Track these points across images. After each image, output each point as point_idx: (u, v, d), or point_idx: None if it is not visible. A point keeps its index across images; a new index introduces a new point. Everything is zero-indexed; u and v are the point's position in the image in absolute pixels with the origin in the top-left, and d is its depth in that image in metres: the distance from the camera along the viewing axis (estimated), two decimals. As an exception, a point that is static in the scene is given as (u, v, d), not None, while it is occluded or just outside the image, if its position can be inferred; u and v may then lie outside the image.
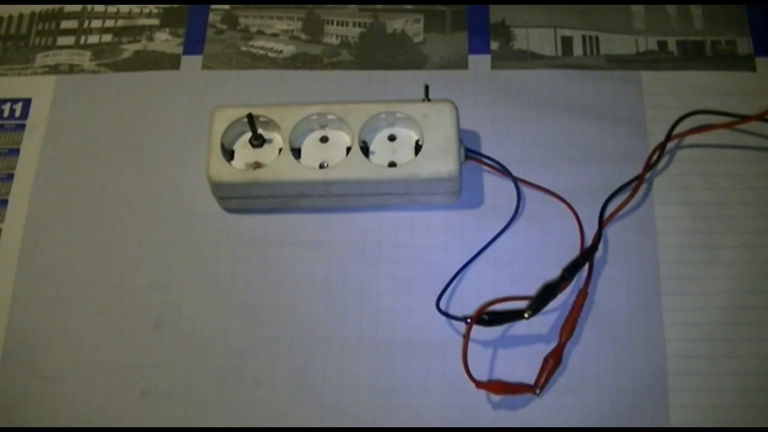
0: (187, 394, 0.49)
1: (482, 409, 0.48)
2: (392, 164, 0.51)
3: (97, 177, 0.55)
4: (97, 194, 0.54)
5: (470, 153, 0.52)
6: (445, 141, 0.50)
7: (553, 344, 0.48)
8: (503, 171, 0.53)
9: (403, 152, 0.51)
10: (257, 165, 0.51)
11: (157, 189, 0.54)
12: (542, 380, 0.47)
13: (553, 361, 0.47)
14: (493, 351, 0.49)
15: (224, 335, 0.50)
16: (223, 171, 0.50)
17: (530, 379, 0.48)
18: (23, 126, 0.57)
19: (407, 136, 0.52)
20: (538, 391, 0.47)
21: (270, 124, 0.51)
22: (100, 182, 0.55)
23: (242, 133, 0.52)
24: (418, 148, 0.51)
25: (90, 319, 0.51)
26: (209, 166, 0.50)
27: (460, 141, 0.51)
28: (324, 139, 0.52)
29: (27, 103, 0.58)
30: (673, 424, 0.47)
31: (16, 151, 0.56)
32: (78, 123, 0.57)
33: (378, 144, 0.52)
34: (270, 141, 0.52)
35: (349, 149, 0.51)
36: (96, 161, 0.55)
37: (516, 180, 0.53)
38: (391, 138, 0.52)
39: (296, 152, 0.51)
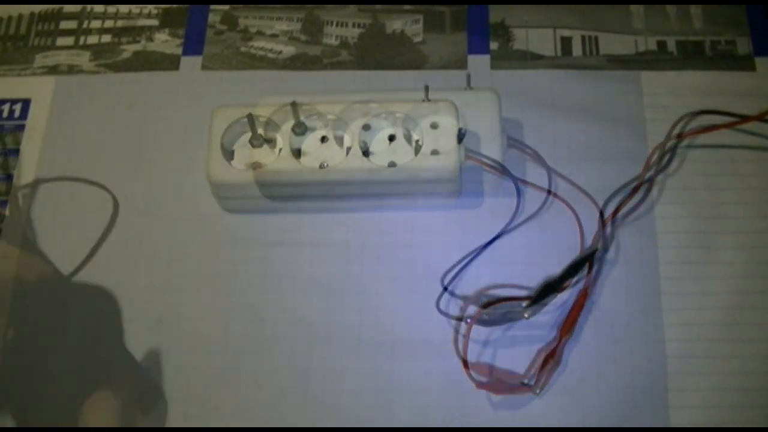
0: (187, 394, 0.49)
1: (482, 409, 0.48)
2: (392, 164, 0.51)
3: (97, 177, 0.55)
4: (97, 194, 0.54)
5: (470, 153, 0.52)
6: (445, 141, 0.50)
7: (553, 344, 0.48)
8: (503, 171, 0.53)
9: (403, 152, 0.51)
10: (257, 165, 0.51)
11: (157, 189, 0.54)
12: (537, 374, 0.47)
13: (551, 360, 0.47)
14: (493, 351, 0.49)
15: (224, 335, 0.50)
16: (223, 171, 0.50)
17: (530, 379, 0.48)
18: (23, 126, 0.57)
19: (407, 136, 0.52)
20: (538, 391, 0.47)
21: (270, 124, 0.51)
22: (100, 182, 0.54)
23: (242, 133, 0.52)
24: (417, 148, 0.51)
25: (90, 319, 0.51)
26: (209, 166, 0.50)
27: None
28: (324, 139, 0.52)
29: (27, 103, 0.57)
30: (673, 424, 0.47)
31: (16, 151, 0.56)
32: (78, 123, 0.57)
33: (378, 144, 0.52)
34: (270, 141, 0.52)
35: (349, 149, 0.51)
36: (96, 161, 0.55)
37: (516, 180, 0.53)
38: (391, 138, 0.52)
39: (296, 152, 0.51)
